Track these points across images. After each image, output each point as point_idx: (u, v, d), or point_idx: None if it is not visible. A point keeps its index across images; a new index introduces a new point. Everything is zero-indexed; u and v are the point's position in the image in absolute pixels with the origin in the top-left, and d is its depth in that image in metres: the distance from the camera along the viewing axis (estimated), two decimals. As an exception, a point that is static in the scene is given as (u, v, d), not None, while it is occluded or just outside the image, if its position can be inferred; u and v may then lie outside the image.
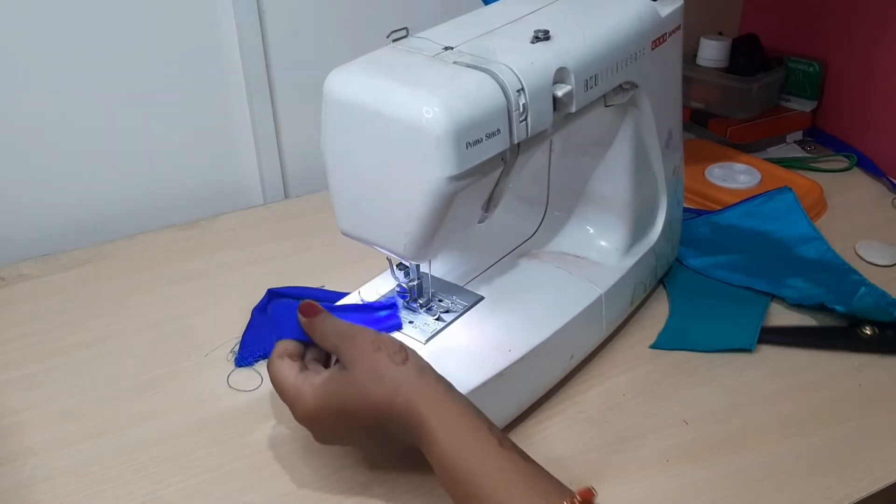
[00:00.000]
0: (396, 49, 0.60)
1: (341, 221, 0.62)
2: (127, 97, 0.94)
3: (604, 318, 0.74)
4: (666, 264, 0.84)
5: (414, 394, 0.54)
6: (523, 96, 0.57)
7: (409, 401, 0.54)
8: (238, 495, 0.62)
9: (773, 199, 0.96)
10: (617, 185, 0.76)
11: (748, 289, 0.84)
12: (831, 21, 1.11)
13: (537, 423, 0.68)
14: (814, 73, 1.14)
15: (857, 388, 0.71)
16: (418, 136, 0.53)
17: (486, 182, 0.59)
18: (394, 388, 0.55)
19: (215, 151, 1.03)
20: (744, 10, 1.24)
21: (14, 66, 0.88)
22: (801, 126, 1.16)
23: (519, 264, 0.76)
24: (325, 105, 0.58)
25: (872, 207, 1.00)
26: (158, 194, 1.01)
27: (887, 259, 0.88)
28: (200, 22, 0.95)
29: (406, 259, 0.62)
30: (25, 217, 0.95)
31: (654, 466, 0.64)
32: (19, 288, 0.87)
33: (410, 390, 0.54)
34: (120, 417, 0.70)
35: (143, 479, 0.64)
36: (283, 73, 1.01)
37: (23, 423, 0.70)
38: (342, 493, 0.62)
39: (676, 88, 0.79)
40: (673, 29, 0.73)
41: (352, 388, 0.56)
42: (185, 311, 0.83)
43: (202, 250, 0.93)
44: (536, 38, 0.61)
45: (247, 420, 0.69)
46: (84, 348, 0.78)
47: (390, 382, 0.55)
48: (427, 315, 0.69)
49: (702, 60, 1.15)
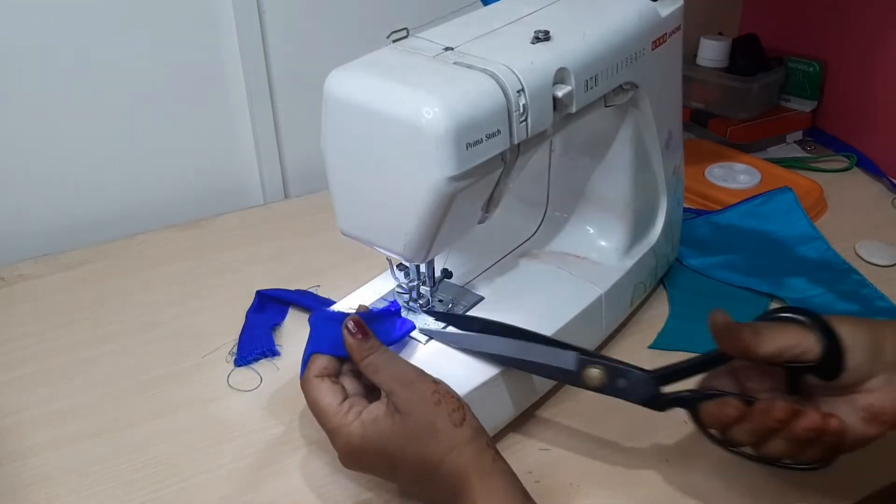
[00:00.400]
0: (396, 49, 0.60)
1: (341, 221, 0.62)
2: (127, 97, 0.94)
3: (604, 318, 0.74)
4: (666, 264, 0.85)
5: (465, 459, 0.53)
6: (523, 97, 0.57)
7: (458, 465, 0.53)
8: (238, 495, 0.62)
9: (773, 199, 0.96)
10: (617, 186, 0.76)
11: (748, 289, 0.84)
12: (831, 21, 1.11)
13: (537, 423, 0.68)
14: (814, 73, 1.14)
15: (857, 388, 0.71)
16: (418, 136, 0.53)
17: (486, 182, 0.59)
18: (447, 448, 0.53)
19: (215, 151, 1.03)
20: (744, 10, 1.24)
21: (14, 66, 0.87)
22: (801, 126, 1.16)
23: (519, 264, 0.76)
24: (325, 105, 0.58)
25: (872, 207, 1.00)
26: (158, 194, 1.01)
27: (887, 259, 0.88)
28: (200, 22, 0.95)
29: (406, 259, 0.62)
30: (25, 217, 0.95)
31: (655, 466, 0.64)
32: (19, 288, 0.87)
33: (462, 454, 0.53)
34: (120, 417, 0.70)
35: (143, 479, 0.64)
36: (283, 73, 1.01)
37: (23, 423, 0.70)
38: (342, 493, 0.62)
39: (676, 88, 0.79)
40: (673, 29, 0.73)
41: (404, 436, 0.54)
42: (185, 311, 0.83)
43: (202, 250, 0.93)
44: (536, 38, 0.61)
45: (246, 420, 0.69)
46: (84, 348, 0.78)
47: (445, 441, 0.54)
48: (427, 315, 0.69)
49: (702, 60, 1.14)
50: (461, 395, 0.61)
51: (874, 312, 0.80)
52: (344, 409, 0.56)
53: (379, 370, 0.57)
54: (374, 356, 0.57)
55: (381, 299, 0.70)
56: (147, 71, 0.94)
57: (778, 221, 0.94)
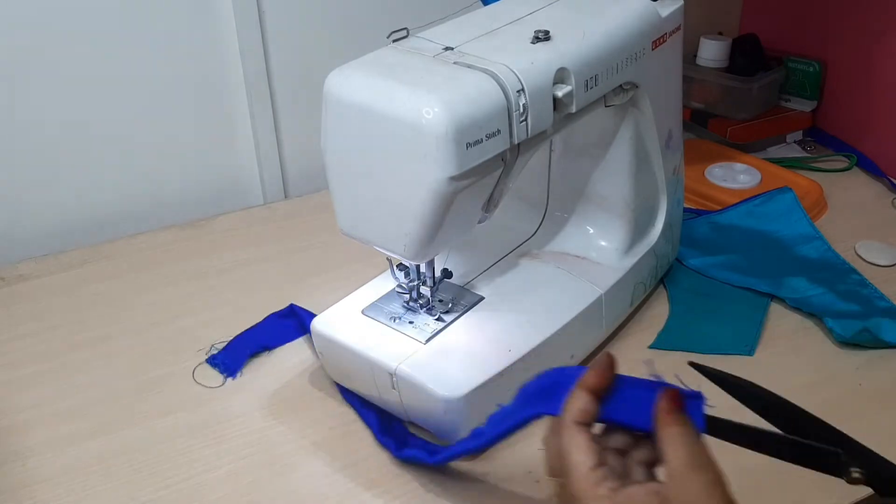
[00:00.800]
0: (396, 49, 0.60)
1: (341, 221, 0.62)
2: (127, 97, 0.94)
3: (604, 318, 0.74)
4: (666, 264, 0.84)
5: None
6: (523, 96, 0.57)
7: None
8: (238, 495, 0.62)
9: (773, 199, 0.96)
10: (617, 185, 0.76)
11: (748, 289, 0.84)
12: (831, 21, 1.11)
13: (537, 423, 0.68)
14: (814, 73, 1.14)
15: (857, 387, 0.71)
16: (418, 136, 0.53)
17: (486, 182, 0.59)
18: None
19: (215, 152, 1.03)
20: (744, 10, 1.24)
21: (14, 66, 0.87)
22: (801, 126, 1.16)
23: (519, 264, 0.76)
24: (326, 105, 0.58)
25: (872, 207, 1.00)
26: (158, 194, 1.01)
27: (887, 259, 0.88)
28: (200, 22, 0.95)
29: (406, 259, 0.62)
30: (25, 217, 0.95)
31: (654, 466, 0.64)
32: (19, 288, 0.87)
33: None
34: (120, 417, 0.70)
35: (143, 479, 0.64)
36: (283, 73, 1.01)
37: (23, 423, 0.69)
38: (343, 493, 0.62)
39: (676, 88, 0.79)
40: (673, 29, 0.73)
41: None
42: (185, 311, 0.83)
43: (202, 250, 0.93)
44: (536, 38, 0.61)
45: (246, 420, 0.69)
46: (84, 348, 0.78)
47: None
48: (427, 315, 0.69)
49: (702, 60, 1.15)
50: (461, 395, 0.61)
51: (874, 312, 0.79)
52: (597, 477, 0.48)
53: (678, 445, 0.48)
54: (682, 428, 0.48)
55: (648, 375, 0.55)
56: (147, 71, 0.94)
57: (778, 221, 0.94)
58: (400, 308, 0.69)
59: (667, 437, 0.48)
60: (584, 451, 0.48)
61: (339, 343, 0.67)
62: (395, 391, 0.64)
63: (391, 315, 0.69)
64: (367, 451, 0.66)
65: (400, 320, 0.68)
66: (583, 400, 0.50)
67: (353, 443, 0.67)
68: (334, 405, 0.71)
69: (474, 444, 0.59)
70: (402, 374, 0.63)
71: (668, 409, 0.49)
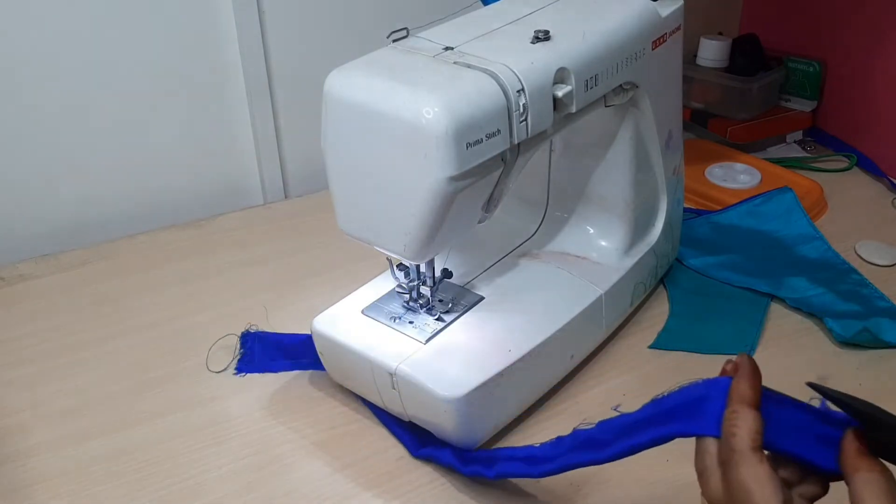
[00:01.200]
0: (396, 49, 0.60)
1: (341, 221, 0.62)
2: (127, 97, 0.94)
3: (604, 318, 0.74)
4: (666, 264, 0.85)
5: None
6: (523, 96, 0.57)
7: None
8: (238, 495, 0.62)
9: (773, 198, 0.96)
10: (617, 185, 0.76)
11: (748, 289, 0.84)
12: (831, 21, 1.11)
13: (537, 423, 0.68)
14: (814, 73, 1.14)
15: (858, 388, 0.71)
16: (419, 136, 0.53)
17: (486, 182, 0.59)
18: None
19: (215, 152, 1.03)
20: (744, 10, 1.24)
21: (14, 66, 0.87)
22: (801, 126, 1.16)
23: (519, 264, 0.76)
24: (326, 105, 0.58)
25: (872, 207, 1.00)
26: (158, 194, 1.01)
27: (887, 259, 0.88)
28: (201, 22, 0.95)
29: (406, 259, 0.62)
30: (25, 217, 0.95)
31: (654, 466, 0.64)
32: (19, 288, 0.87)
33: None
34: (120, 417, 0.70)
35: (143, 479, 0.64)
36: (283, 73, 1.01)
37: (23, 423, 0.70)
38: (343, 492, 0.62)
39: (676, 88, 0.79)
40: (673, 29, 0.73)
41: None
42: (185, 311, 0.83)
43: (202, 250, 0.93)
44: (536, 38, 0.61)
45: (246, 420, 0.69)
46: (84, 348, 0.78)
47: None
48: (427, 315, 0.69)
49: (702, 60, 1.15)
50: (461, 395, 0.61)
51: (874, 312, 0.79)
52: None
53: (881, 494, 0.42)
54: (880, 474, 0.42)
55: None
56: (147, 71, 0.94)
57: (778, 221, 0.94)
58: (400, 308, 0.69)
59: (862, 484, 0.42)
60: (769, 486, 0.41)
61: (339, 343, 0.67)
62: (395, 391, 0.64)
63: (391, 315, 0.69)
64: (368, 451, 0.66)
65: (400, 320, 0.68)
66: (753, 420, 0.43)
67: (353, 443, 0.67)
68: (334, 405, 0.71)
69: (589, 456, 0.51)
70: (402, 374, 0.63)
71: (859, 451, 0.43)
